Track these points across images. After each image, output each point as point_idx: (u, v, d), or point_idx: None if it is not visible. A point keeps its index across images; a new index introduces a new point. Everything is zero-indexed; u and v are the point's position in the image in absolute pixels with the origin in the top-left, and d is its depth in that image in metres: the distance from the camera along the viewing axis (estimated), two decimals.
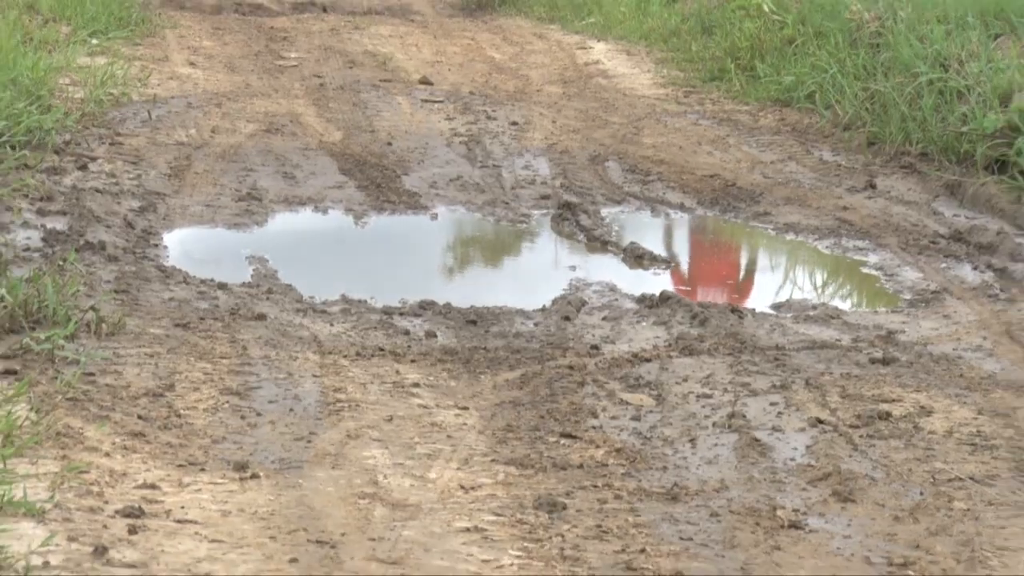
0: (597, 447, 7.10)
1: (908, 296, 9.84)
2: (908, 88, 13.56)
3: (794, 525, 6.35)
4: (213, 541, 6.01)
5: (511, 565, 5.93)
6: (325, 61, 17.84)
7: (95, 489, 6.40)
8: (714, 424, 7.47)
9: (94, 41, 17.45)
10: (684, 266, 11.07)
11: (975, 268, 10.36)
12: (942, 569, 6.01)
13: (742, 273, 11.24)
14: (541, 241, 11.34)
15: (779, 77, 15.81)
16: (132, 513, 6.17)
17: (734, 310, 9.27)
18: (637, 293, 9.61)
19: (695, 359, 8.42)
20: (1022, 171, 11.78)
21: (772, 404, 7.75)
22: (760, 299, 9.80)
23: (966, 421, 7.60)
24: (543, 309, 9.28)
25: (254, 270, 9.91)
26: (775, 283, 10.50)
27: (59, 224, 10.43)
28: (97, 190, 11.45)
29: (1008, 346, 8.81)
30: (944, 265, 10.43)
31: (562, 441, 7.19)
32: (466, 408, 7.61)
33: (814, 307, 9.55)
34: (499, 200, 11.94)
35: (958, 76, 13.24)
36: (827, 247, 11.05)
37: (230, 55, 18.00)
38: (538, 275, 10.39)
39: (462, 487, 6.63)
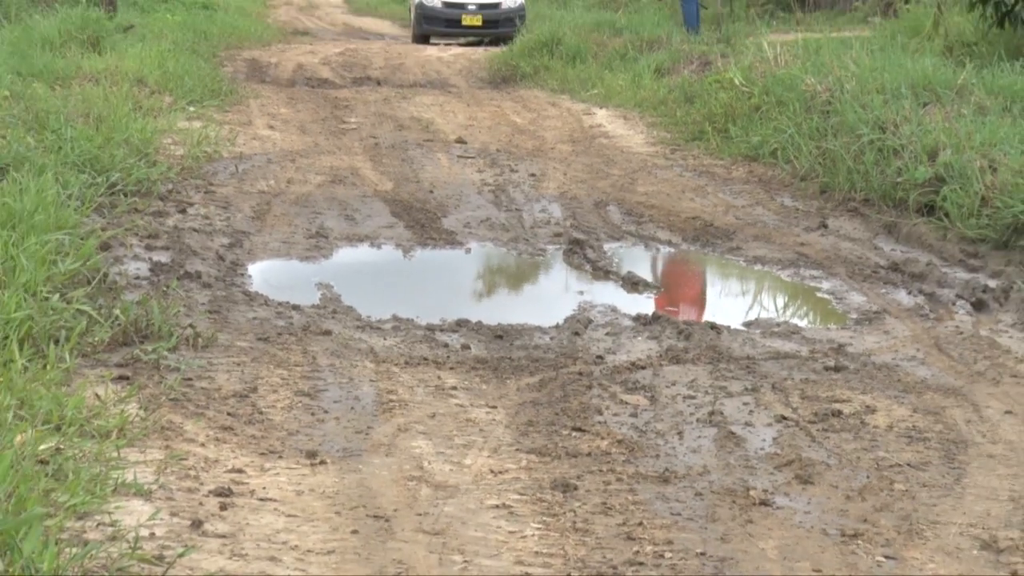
0: (602, 439, 7.07)
1: (855, 316, 9.80)
2: (853, 146, 13.54)
3: (764, 503, 6.32)
4: (289, 515, 5.99)
5: (532, 535, 5.91)
6: (379, 125, 17.84)
7: (192, 473, 6.38)
8: (697, 420, 7.43)
9: (191, 108, 17.49)
10: (671, 290, 11.03)
11: (909, 293, 10.31)
12: (885, 539, 5.98)
13: (718, 296, 11.17)
14: (555, 271, 11.31)
15: (748, 137, 15.80)
16: (223, 492, 6.15)
17: (713, 327, 9.22)
18: (634, 313, 9.58)
19: (682, 367, 8.38)
20: (947, 214, 11.76)
21: (745, 404, 7.71)
22: (733, 318, 9.75)
23: (903, 418, 7.56)
24: (557, 326, 9.25)
25: (321, 294, 9.89)
26: (746, 305, 10.45)
27: (163, 257, 10.42)
28: (194, 229, 11.45)
29: (937, 356, 8.77)
30: (884, 291, 10.38)
31: (573, 434, 7.16)
32: (495, 407, 7.58)
33: (778, 324, 9.51)
34: (520, 237, 11.91)
35: (894, 137, 13.22)
36: (788, 276, 11.00)
37: (302, 120, 18.01)
38: (553, 298, 10.35)
39: (492, 471, 6.60)
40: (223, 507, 6.02)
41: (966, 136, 12.56)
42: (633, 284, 10.54)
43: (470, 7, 30.00)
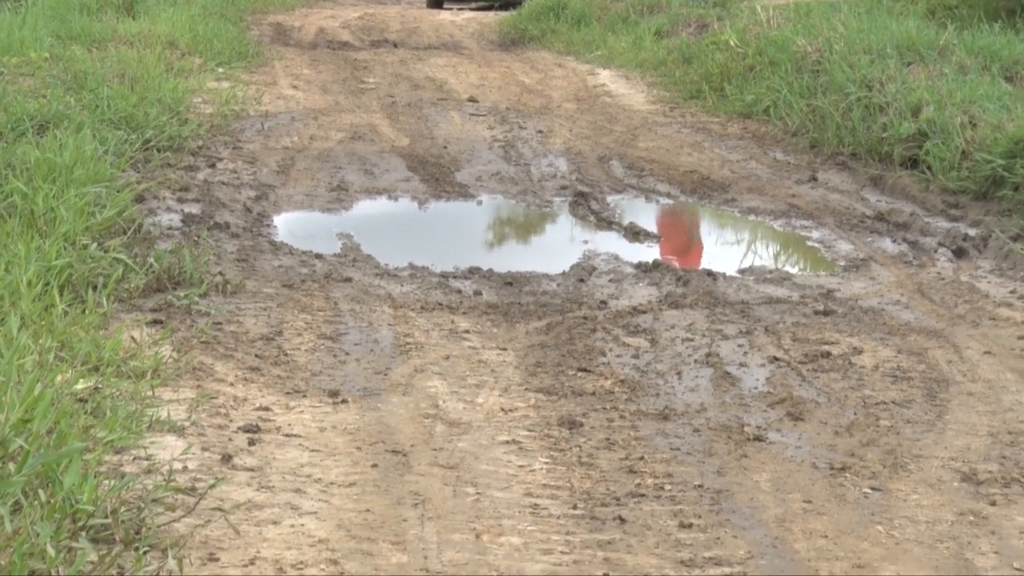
0: (606, 379, 7.06)
1: (842, 263, 9.77)
2: (841, 104, 13.49)
3: (757, 438, 6.32)
4: (313, 451, 5.99)
5: (540, 469, 5.91)
6: (396, 85, 17.77)
7: (222, 411, 6.38)
8: (695, 361, 7.42)
9: (220, 70, 17.42)
10: (670, 239, 11.00)
11: (894, 241, 10.28)
12: (872, 472, 5.97)
13: (714, 244, 11.13)
14: (561, 221, 11.28)
15: (742, 96, 15.73)
16: (251, 429, 6.15)
17: (709, 273, 9.20)
18: (635, 261, 9.55)
19: (680, 311, 8.37)
20: (929, 167, 11.73)
21: (739, 346, 7.70)
22: (728, 265, 9.72)
23: (888, 358, 7.54)
24: (563, 273, 9.23)
25: (342, 244, 9.88)
26: (740, 253, 10.42)
27: (194, 209, 10.40)
28: (223, 183, 11.43)
29: (920, 301, 8.74)
30: (870, 239, 10.35)
31: (579, 374, 7.15)
32: (505, 349, 7.57)
33: (771, 271, 9.49)
34: (528, 190, 11.88)
35: (880, 94, 13.17)
36: (780, 225, 10.97)
37: (324, 80, 17.95)
38: (559, 247, 10.32)
39: (503, 409, 6.60)
40: (251, 443, 6.02)
41: (948, 94, 12.52)
42: (634, 234, 10.51)
43: None
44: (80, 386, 6.17)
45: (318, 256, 9.42)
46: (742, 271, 9.54)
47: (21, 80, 13.49)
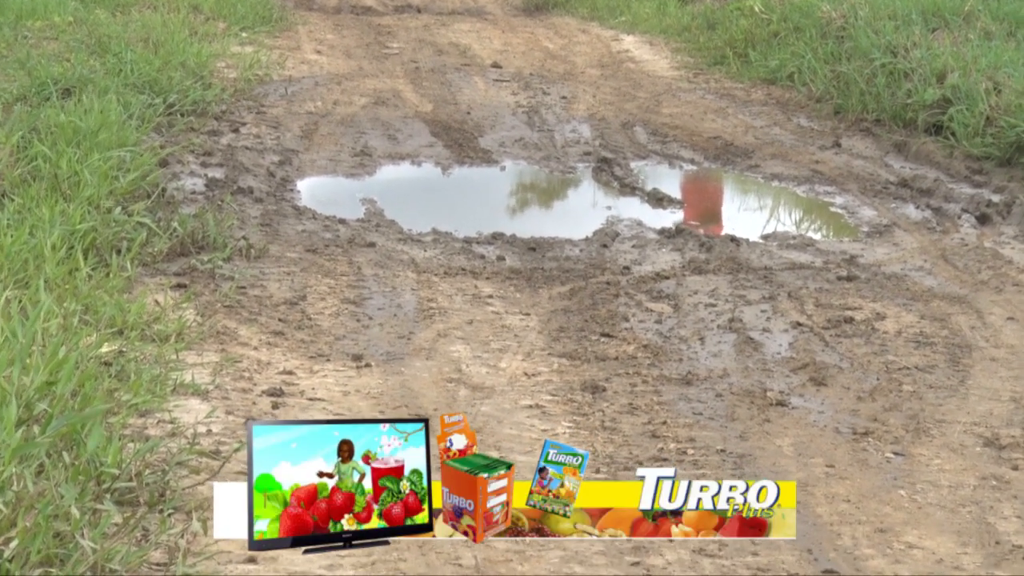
0: (629, 344, 7.06)
1: (866, 229, 9.75)
2: (866, 70, 13.43)
3: (780, 403, 6.32)
4: (337, 414, 5.99)
5: (563, 433, 5.91)
6: (419, 50, 17.74)
7: (246, 375, 6.40)
8: (718, 326, 7.42)
9: (243, 34, 17.40)
10: (694, 206, 10.97)
11: (917, 207, 10.25)
12: (894, 437, 5.97)
13: (737, 210, 11.11)
14: (584, 187, 11.26)
15: (767, 62, 15.66)
16: (275, 393, 6.17)
17: (732, 239, 9.19)
18: (658, 227, 9.54)
19: (703, 277, 8.36)
20: (953, 133, 11.68)
21: (762, 311, 7.69)
22: (752, 231, 9.70)
23: (911, 324, 7.53)
24: (586, 239, 9.22)
25: (366, 209, 9.87)
26: (763, 219, 10.40)
27: (218, 173, 10.41)
28: (247, 148, 11.43)
29: (943, 267, 8.72)
30: (893, 205, 10.32)
31: (602, 339, 7.15)
32: (528, 314, 7.57)
33: (794, 237, 9.47)
34: (552, 156, 11.86)
35: (904, 60, 13.11)
36: (803, 191, 10.94)
37: (347, 45, 17.92)
38: (582, 213, 10.31)
39: (526, 374, 6.60)
40: (275, 406, 6.04)
41: (972, 60, 12.46)
42: (658, 200, 10.49)
43: None
44: (104, 349, 6.19)
45: (341, 221, 9.42)
46: (765, 237, 9.52)
47: (45, 44, 13.50)
